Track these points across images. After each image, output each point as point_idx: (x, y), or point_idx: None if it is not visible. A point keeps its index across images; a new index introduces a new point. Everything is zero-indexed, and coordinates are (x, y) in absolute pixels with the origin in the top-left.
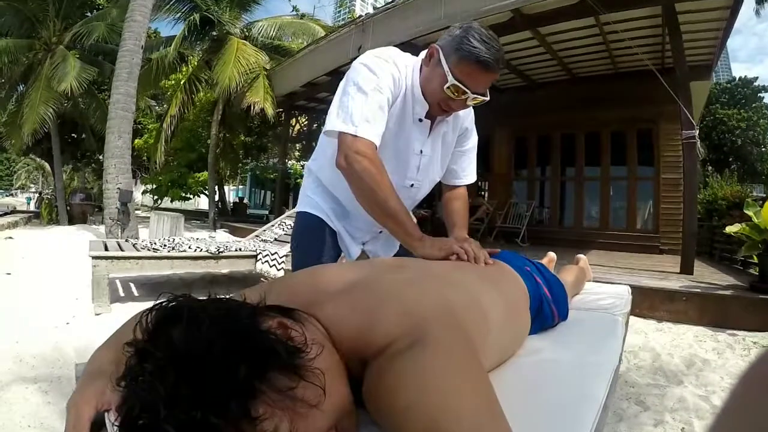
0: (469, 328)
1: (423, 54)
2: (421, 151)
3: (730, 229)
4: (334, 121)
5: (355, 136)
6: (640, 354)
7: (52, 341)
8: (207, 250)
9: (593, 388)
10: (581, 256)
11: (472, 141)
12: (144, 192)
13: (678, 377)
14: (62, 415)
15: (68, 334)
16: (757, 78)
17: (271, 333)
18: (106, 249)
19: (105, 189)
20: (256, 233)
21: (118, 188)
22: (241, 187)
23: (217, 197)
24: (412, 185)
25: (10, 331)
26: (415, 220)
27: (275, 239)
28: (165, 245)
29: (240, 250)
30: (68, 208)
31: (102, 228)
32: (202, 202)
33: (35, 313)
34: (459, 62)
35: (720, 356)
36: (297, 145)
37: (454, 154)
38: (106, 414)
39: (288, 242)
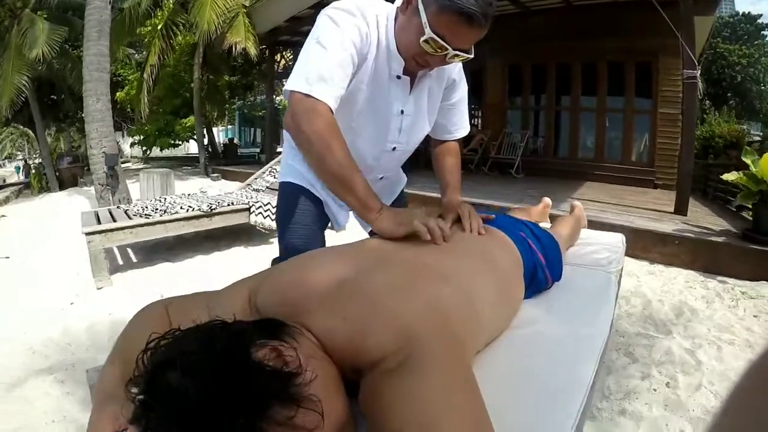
0: (461, 334)
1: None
2: (402, 111)
3: (728, 176)
4: (290, 80)
5: (308, 95)
6: (631, 300)
7: (60, 326)
8: (199, 209)
9: (582, 371)
10: (577, 203)
11: (461, 92)
12: (132, 144)
13: (667, 327)
14: (83, 404)
15: (74, 315)
16: (761, 15)
17: (266, 365)
18: (98, 220)
19: (90, 155)
20: (247, 182)
21: (104, 152)
22: (230, 127)
23: (206, 140)
24: (394, 148)
25: (17, 321)
26: (374, 189)
27: (267, 187)
28: (157, 209)
29: (232, 204)
30: (57, 173)
31: (94, 190)
32: (192, 146)
33: (39, 297)
34: (439, 12)
35: (708, 306)
36: (284, 80)
37: (442, 109)
38: None
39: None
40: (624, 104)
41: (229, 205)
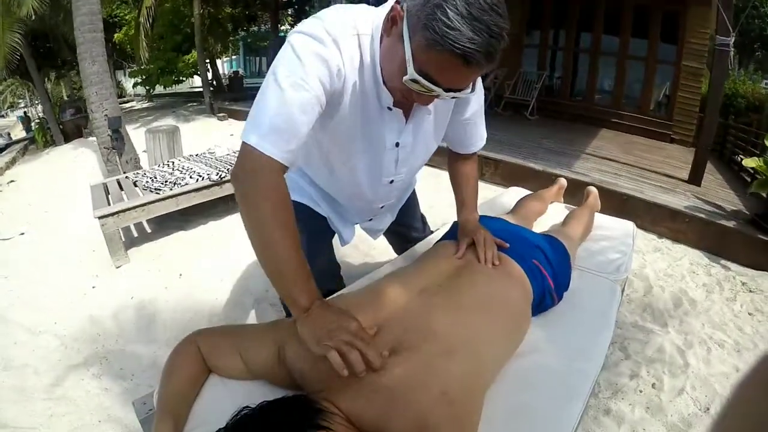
0: (470, 408)
1: (388, 4)
2: (398, 144)
3: (748, 162)
4: (246, 129)
5: (252, 148)
6: (634, 283)
7: (87, 314)
8: (209, 178)
9: (572, 408)
10: (592, 189)
11: (477, 102)
12: (135, 85)
13: (664, 318)
14: (122, 401)
15: (98, 301)
16: None
17: None
18: (107, 192)
19: (93, 119)
20: None
21: (106, 116)
22: (234, 57)
23: (210, 75)
24: (392, 181)
25: (45, 311)
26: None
27: None
28: (167, 180)
29: None
30: (61, 126)
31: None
32: (197, 80)
33: (59, 280)
34: (427, 48)
35: (708, 296)
36: (289, 10)
37: (455, 123)
38: None
39: None
40: (647, 52)
41: None
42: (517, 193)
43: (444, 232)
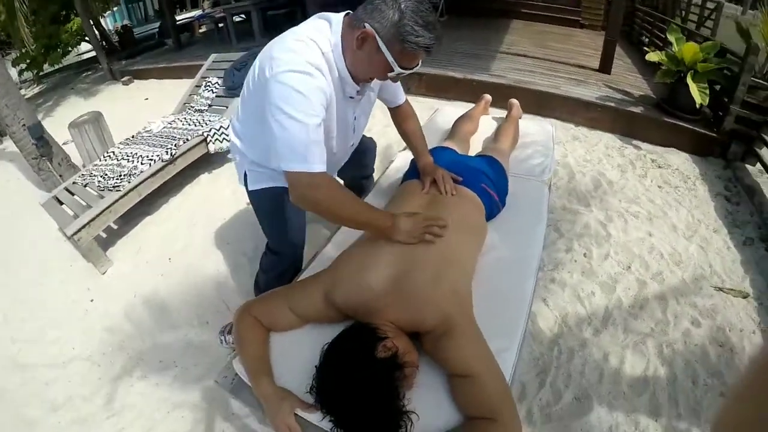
0: (468, 301)
1: (337, 24)
2: (355, 118)
3: (651, 57)
4: (283, 160)
5: (308, 173)
6: (559, 172)
7: (99, 327)
8: (161, 160)
9: (526, 285)
10: (513, 101)
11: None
12: (21, 72)
13: (587, 199)
14: (177, 387)
15: (102, 311)
16: None
17: (387, 353)
18: (61, 203)
19: (11, 134)
20: (184, 102)
21: (24, 126)
22: (116, 9)
23: (98, 36)
24: (352, 144)
25: (57, 341)
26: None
27: (209, 106)
28: (121, 175)
29: (188, 140)
30: None
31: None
32: (82, 46)
33: (56, 307)
34: (404, 51)
35: (622, 175)
36: None
37: (387, 86)
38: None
39: (224, 105)
40: None
41: (185, 142)
42: (445, 113)
43: (395, 166)
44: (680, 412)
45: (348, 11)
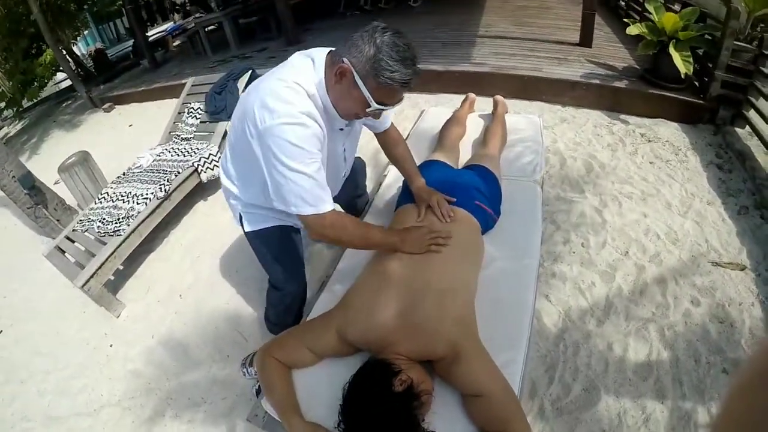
0: (473, 322)
1: (320, 61)
2: (344, 149)
3: (632, 30)
4: (293, 206)
5: (319, 215)
6: (550, 159)
7: (124, 371)
8: (156, 197)
9: (527, 295)
10: (498, 98)
11: None
12: (0, 111)
13: (580, 186)
14: (210, 423)
15: (124, 355)
16: None
17: (407, 388)
18: (62, 251)
19: (2, 187)
20: (169, 130)
21: (14, 178)
22: (86, 32)
23: (72, 65)
24: (344, 175)
25: (84, 390)
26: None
27: (195, 133)
28: (119, 218)
29: (179, 172)
30: None
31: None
32: (59, 75)
33: (77, 357)
34: (379, 87)
35: (613, 155)
36: None
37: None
38: None
39: (209, 131)
40: None
41: (176, 176)
42: (432, 115)
43: (388, 183)
44: (685, 392)
45: (331, 49)
